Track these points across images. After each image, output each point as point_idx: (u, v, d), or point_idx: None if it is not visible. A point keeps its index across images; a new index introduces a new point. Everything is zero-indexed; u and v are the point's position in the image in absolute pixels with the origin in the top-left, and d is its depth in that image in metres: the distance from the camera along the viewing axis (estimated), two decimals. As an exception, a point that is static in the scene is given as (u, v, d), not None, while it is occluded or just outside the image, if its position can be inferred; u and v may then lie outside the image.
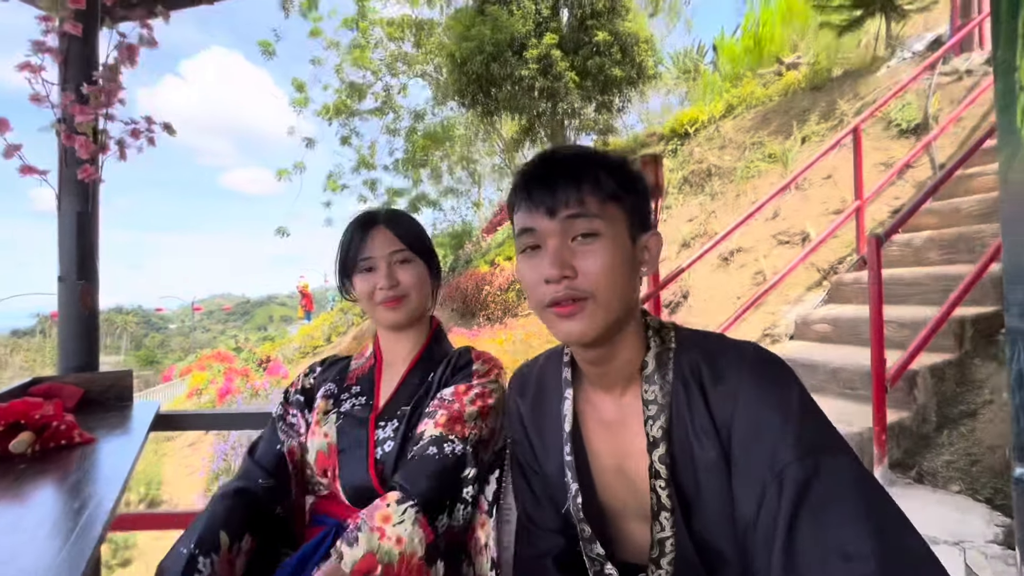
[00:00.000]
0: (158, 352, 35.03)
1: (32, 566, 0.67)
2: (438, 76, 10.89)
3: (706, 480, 0.67)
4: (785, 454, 0.60)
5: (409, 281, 0.98)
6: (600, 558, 0.75)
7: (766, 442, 0.62)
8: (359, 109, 11.41)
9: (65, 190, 1.56)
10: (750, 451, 0.63)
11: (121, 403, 1.54)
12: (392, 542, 0.73)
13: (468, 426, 0.89)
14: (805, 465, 0.59)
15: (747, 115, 6.74)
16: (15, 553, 0.70)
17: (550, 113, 7.95)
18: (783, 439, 0.61)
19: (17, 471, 1.02)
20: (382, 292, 0.97)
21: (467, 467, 0.86)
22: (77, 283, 1.57)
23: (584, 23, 7.81)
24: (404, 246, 0.99)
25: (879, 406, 2.19)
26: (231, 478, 0.98)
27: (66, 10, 1.52)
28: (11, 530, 0.77)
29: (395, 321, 0.99)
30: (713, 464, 0.67)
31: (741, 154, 6.14)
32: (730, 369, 0.68)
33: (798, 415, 0.63)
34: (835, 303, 3.64)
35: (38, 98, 1.51)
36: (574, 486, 0.76)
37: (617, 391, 0.75)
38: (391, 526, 0.75)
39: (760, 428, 0.63)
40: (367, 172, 12.06)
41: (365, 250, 0.98)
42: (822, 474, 0.58)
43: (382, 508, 0.77)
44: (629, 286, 0.70)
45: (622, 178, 0.70)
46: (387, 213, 1.02)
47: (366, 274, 0.98)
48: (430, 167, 12.35)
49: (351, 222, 1.03)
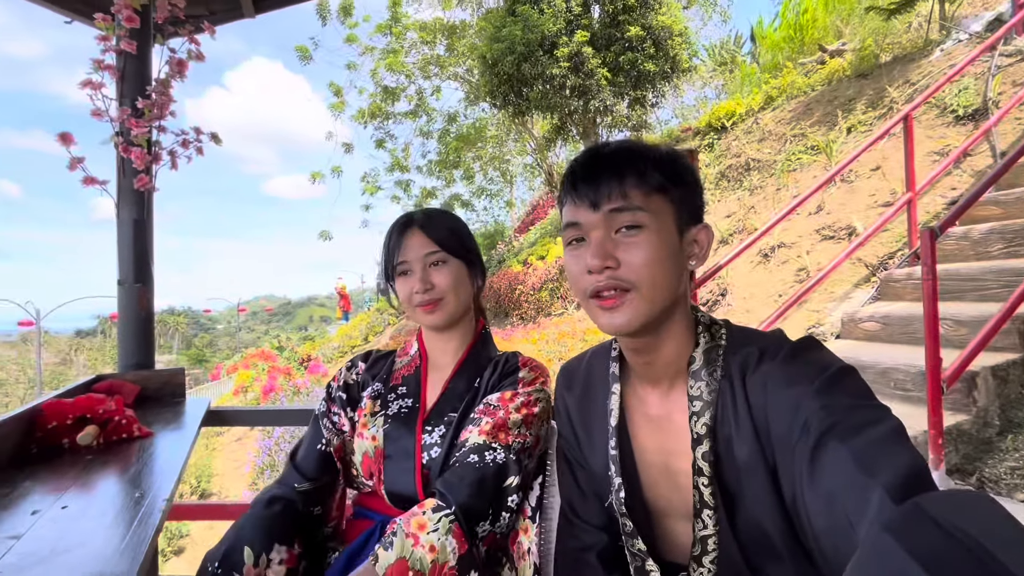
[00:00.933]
0: (207, 351, 36.65)
1: (100, 551, 0.71)
2: (470, 78, 10.98)
3: (748, 480, 0.66)
4: (810, 408, 0.59)
5: (444, 283, 0.97)
6: (642, 554, 0.75)
7: (797, 415, 0.60)
8: (393, 112, 11.64)
9: (123, 199, 1.66)
10: (784, 436, 0.62)
11: (175, 399, 1.62)
12: (425, 550, 0.73)
13: (512, 434, 0.89)
14: (832, 411, 0.57)
15: (787, 106, 6.50)
16: (85, 538, 0.75)
17: (582, 111, 7.88)
18: (808, 402, 0.59)
19: (84, 461, 1.09)
20: (418, 296, 0.96)
21: (510, 476, 0.85)
22: (134, 286, 1.66)
23: (616, 18, 7.71)
24: (438, 247, 0.97)
25: (935, 408, 2.07)
26: (271, 483, 0.99)
27: (122, 29, 1.61)
28: (81, 516, 0.82)
29: (433, 323, 0.98)
30: (753, 461, 0.66)
31: (781, 146, 5.93)
32: (764, 361, 0.67)
33: (826, 380, 0.61)
34: (885, 300, 3.47)
35: (98, 113, 1.61)
36: (617, 480, 0.76)
37: (664, 385, 0.75)
38: (425, 534, 0.75)
39: (789, 406, 0.62)
40: (400, 174, 12.31)
41: (401, 254, 0.98)
42: (852, 417, 0.56)
43: (418, 515, 0.77)
44: (673, 279, 0.69)
45: (670, 170, 0.69)
46: (422, 215, 1.01)
47: (404, 278, 0.98)
48: (462, 168, 12.47)
49: (391, 226, 1.03)
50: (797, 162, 5.52)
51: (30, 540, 0.75)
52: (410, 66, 11.05)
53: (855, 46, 6.58)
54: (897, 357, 2.70)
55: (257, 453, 6.65)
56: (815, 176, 5.08)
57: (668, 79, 7.86)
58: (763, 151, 6.10)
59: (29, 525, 0.79)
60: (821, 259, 4.20)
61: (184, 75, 1.75)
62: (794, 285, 4.20)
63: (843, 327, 3.44)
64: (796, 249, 4.55)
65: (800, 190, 4.95)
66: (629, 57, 7.52)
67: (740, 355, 0.70)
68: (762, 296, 4.44)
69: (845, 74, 6.18)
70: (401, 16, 10.97)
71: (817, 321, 3.72)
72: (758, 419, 0.65)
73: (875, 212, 4.18)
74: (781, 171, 5.56)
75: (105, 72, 1.63)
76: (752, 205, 5.55)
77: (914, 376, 2.46)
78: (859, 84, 5.87)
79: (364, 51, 11.21)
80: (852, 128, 5.31)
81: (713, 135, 7.18)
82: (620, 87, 7.73)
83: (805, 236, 4.61)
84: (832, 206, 4.67)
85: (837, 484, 0.51)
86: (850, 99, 5.72)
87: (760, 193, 5.65)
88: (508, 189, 14.56)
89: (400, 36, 10.92)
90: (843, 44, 6.92)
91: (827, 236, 4.47)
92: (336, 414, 1.04)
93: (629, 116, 8.24)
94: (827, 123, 5.64)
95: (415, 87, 11.54)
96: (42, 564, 0.68)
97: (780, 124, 6.29)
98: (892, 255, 3.84)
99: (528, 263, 8.28)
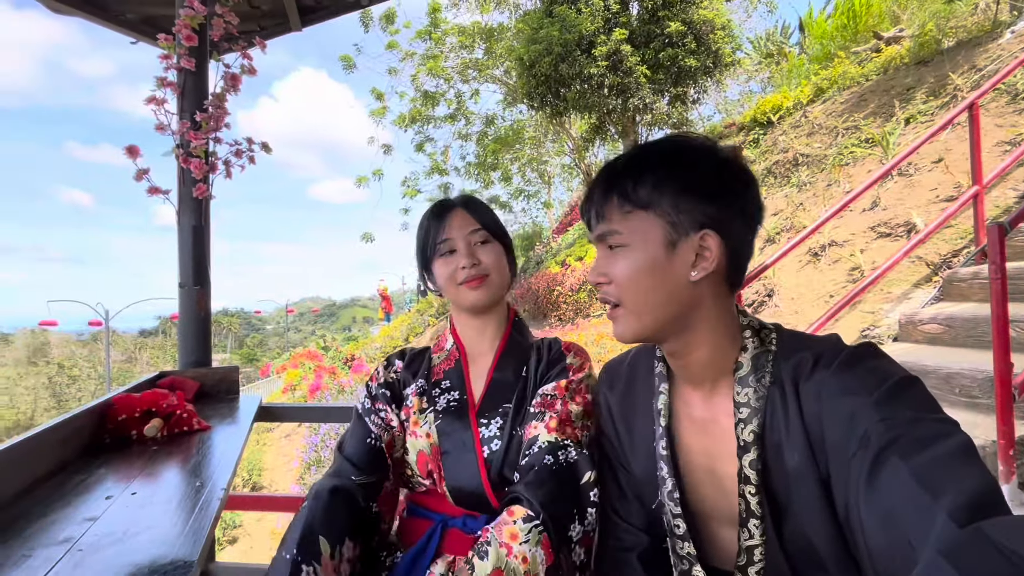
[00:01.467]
0: (257, 351, 38.37)
1: (166, 535, 0.77)
2: (507, 80, 11.05)
3: (797, 489, 0.64)
4: (869, 420, 0.56)
5: (490, 261, 0.97)
6: (690, 558, 0.74)
7: (854, 425, 0.58)
8: (433, 116, 11.85)
9: (183, 207, 1.76)
10: (839, 446, 0.59)
11: (230, 396, 1.71)
12: (518, 560, 0.74)
13: (577, 427, 0.88)
14: (893, 425, 0.54)
15: (839, 98, 6.20)
16: (152, 522, 0.81)
17: (620, 109, 7.77)
18: (867, 413, 0.57)
19: (150, 452, 1.17)
20: (464, 271, 0.95)
21: (585, 472, 0.85)
22: (194, 289, 1.77)
23: (655, 15, 7.57)
24: (481, 226, 0.98)
25: (1005, 417, 1.93)
26: (324, 476, 0.94)
27: (182, 48, 1.72)
28: (148, 503, 0.89)
29: (478, 300, 0.96)
30: (804, 470, 0.64)
31: (833, 140, 5.67)
32: (818, 368, 0.65)
33: (887, 391, 0.58)
34: (949, 300, 3.25)
35: (162, 127, 1.72)
36: (671, 481, 0.74)
37: (705, 388, 0.74)
38: (518, 544, 0.75)
39: (845, 415, 0.59)
40: (440, 177, 12.51)
41: (443, 232, 0.97)
42: (914, 431, 0.53)
43: (510, 525, 0.77)
44: (662, 293, 0.68)
45: (660, 179, 0.67)
46: (462, 198, 1.02)
47: (447, 257, 0.97)
48: (500, 169, 12.54)
49: (426, 212, 1.03)
50: (850, 156, 5.26)
51: (105, 523, 0.81)
52: (449, 70, 11.23)
53: (914, 32, 6.20)
54: (962, 361, 2.53)
55: (304, 449, 6.91)
56: (869, 170, 4.82)
57: (710, 74, 7.65)
58: (812, 145, 5.85)
59: (104, 509, 0.86)
60: (876, 258, 3.99)
61: (238, 88, 1.85)
62: (846, 285, 4.01)
63: (901, 329, 3.25)
64: (849, 247, 4.33)
65: (853, 185, 4.71)
66: (669, 53, 7.37)
67: (792, 361, 0.67)
68: (811, 297, 4.26)
69: (903, 62, 5.84)
70: (440, 22, 11.17)
71: (872, 323, 3.53)
72: (811, 427, 0.63)
73: (937, 207, 3.93)
74: (832, 166, 5.31)
75: (167, 89, 1.75)
76: (800, 202, 5.33)
77: (981, 382, 2.31)
78: (919, 72, 5.53)
79: (404, 57, 11.47)
80: (911, 119, 5.01)
81: (759, 130, 6.93)
82: (660, 84, 7.58)
83: (859, 233, 4.39)
84: (889, 201, 4.42)
85: (897, 503, 0.49)
86: (908, 88, 5.40)
87: (809, 189, 5.42)
88: (546, 190, 14.54)
89: (440, 41, 11.11)
90: (900, 30, 6.54)
91: (883, 233, 4.23)
92: (382, 410, 1.01)
93: (669, 113, 8.07)
94: (883, 114, 5.34)
95: (454, 91, 11.72)
96: (116, 545, 0.74)
97: (831, 117, 6.01)
98: (956, 253, 3.60)
99: (566, 264, 8.24)
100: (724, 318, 0.71)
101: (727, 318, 0.72)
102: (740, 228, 0.69)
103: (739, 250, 0.69)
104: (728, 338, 0.71)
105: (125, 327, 38.01)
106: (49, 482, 0.98)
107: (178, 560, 0.70)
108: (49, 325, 21.40)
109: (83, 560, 0.71)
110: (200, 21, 1.73)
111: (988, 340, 2.09)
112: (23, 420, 21.86)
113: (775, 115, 6.79)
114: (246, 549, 6.10)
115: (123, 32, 1.99)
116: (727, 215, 0.67)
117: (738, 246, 0.69)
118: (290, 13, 2.06)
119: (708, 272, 0.67)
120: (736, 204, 0.68)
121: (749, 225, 0.70)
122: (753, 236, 0.72)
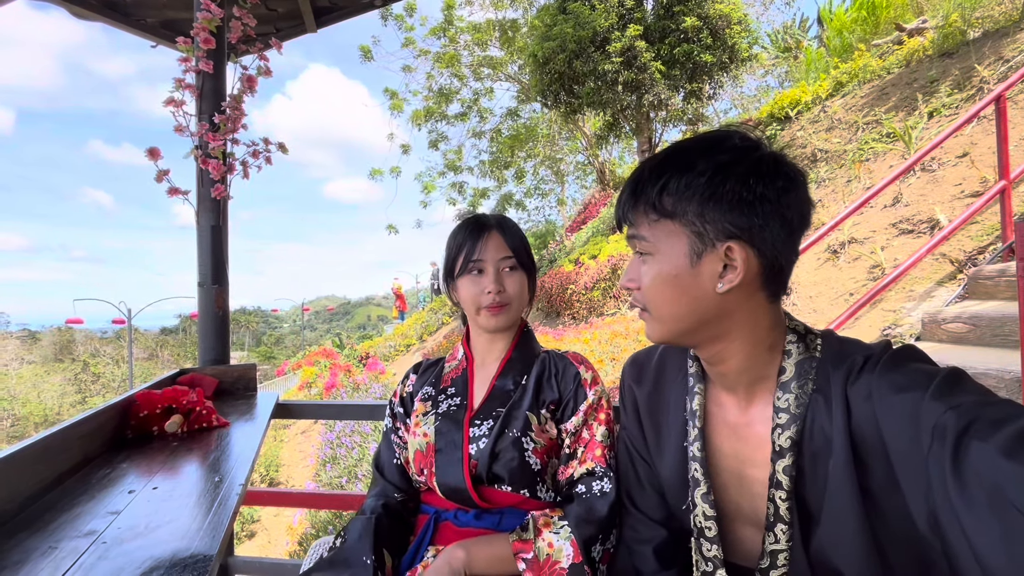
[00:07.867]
0: (274, 348, 38.88)
1: (186, 528, 0.78)
2: (521, 77, 11.03)
3: (831, 498, 0.63)
4: (935, 412, 0.54)
5: (514, 289, 1.01)
6: (715, 561, 0.73)
7: (919, 423, 0.56)
8: (447, 113, 11.89)
9: (202, 207, 1.79)
10: (907, 451, 0.57)
11: (247, 392, 1.74)
12: (545, 543, 0.84)
13: (604, 447, 0.94)
14: (963, 411, 0.53)
15: (859, 91, 6.07)
16: (173, 516, 0.83)
17: (635, 106, 7.71)
18: (931, 407, 0.55)
19: (171, 447, 1.19)
20: (489, 296, 0.98)
21: (614, 497, 0.89)
22: (212, 287, 1.79)
23: (670, 10, 7.49)
24: (512, 253, 1.01)
25: (1033, 418, 1.87)
26: (368, 496, 1.03)
27: (200, 50, 1.75)
28: (169, 497, 0.90)
29: (496, 326, 1.01)
30: (842, 479, 0.62)
31: (852, 135, 5.55)
32: (865, 370, 0.63)
33: (940, 383, 0.56)
34: (974, 298, 3.17)
35: (181, 129, 1.75)
36: (705, 483, 0.74)
37: (740, 393, 0.73)
38: (549, 531, 0.85)
39: (904, 413, 0.58)
40: (453, 175, 12.55)
41: (477, 252, 1.00)
42: (985, 413, 0.52)
43: (547, 515, 0.89)
44: (685, 303, 0.67)
45: (687, 186, 0.64)
46: (497, 219, 1.05)
47: (475, 276, 1.00)
48: (514, 167, 12.54)
49: (461, 224, 1.05)
50: (870, 151, 5.15)
51: (127, 516, 0.83)
52: (463, 68, 11.25)
53: (938, 23, 6.04)
54: (988, 361, 2.47)
55: (320, 446, 6.99)
56: (891, 166, 4.72)
57: (726, 69, 7.56)
58: (831, 141, 5.74)
59: (126, 503, 0.88)
60: (898, 255, 3.90)
61: (254, 90, 1.87)
62: (866, 283, 3.93)
63: (924, 328, 3.17)
64: (869, 244, 4.24)
65: (873, 181, 4.62)
66: (684, 49, 7.28)
67: (839, 366, 0.66)
68: (830, 295, 4.18)
69: (926, 54, 5.69)
70: (454, 19, 11.19)
71: (894, 321, 3.46)
72: (862, 432, 0.61)
73: (961, 203, 3.83)
74: (852, 161, 5.21)
75: (186, 91, 1.77)
76: (819, 198, 5.23)
77: (1009, 383, 2.24)
78: (943, 64, 5.39)
79: (419, 54, 11.52)
80: (935, 112, 4.89)
81: (776, 126, 6.82)
82: (675, 80, 7.50)
83: (880, 230, 4.30)
84: (911, 197, 4.32)
85: (992, 480, 0.48)
86: (932, 81, 5.27)
87: (828, 186, 5.32)
88: (560, 188, 14.49)
89: (454, 39, 11.14)
90: (923, 22, 6.38)
91: (905, 230, 4.14)
92: (399, 429, 1.09)
93: (684, 109, 7.99)
94: (905, 108, 5.22)
95: (468, 89, 11.74)
96: (139, 538, 0.76)
97: (851, 111, 5.89)
98: (982, 249, 3.50)
99: (580, 262, 8.21)
100: (760, 328, 0.68)
101: (765, 328, 0.68)
102: (776, 235, 0.63)
103: (775, 258, 0.64)
104: (765, 348, 0.69)
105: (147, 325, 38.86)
106: (74, 476, 1.01)
107: (198, 554, 0.71)
108: (75, 323, 21.95)
109: (107, 552, 0.73)
110: (217, 24, 1.75)
111: (1015, 340, 2.03)
112: (51, 415, 22.50)
113: (793, 110, 6.68)
114: (264, 544, 6.20)
115: (143, 36, 2.03)
116: (759, 223, 0.63)
117: (774, 254, 0.64)
118: (305, 15, 2.08)
119: (736, 284, 0.64)
120: (771, 210, 0.63)
121: (789, 230, 0.64)
122: (795, 241, 0.66)
